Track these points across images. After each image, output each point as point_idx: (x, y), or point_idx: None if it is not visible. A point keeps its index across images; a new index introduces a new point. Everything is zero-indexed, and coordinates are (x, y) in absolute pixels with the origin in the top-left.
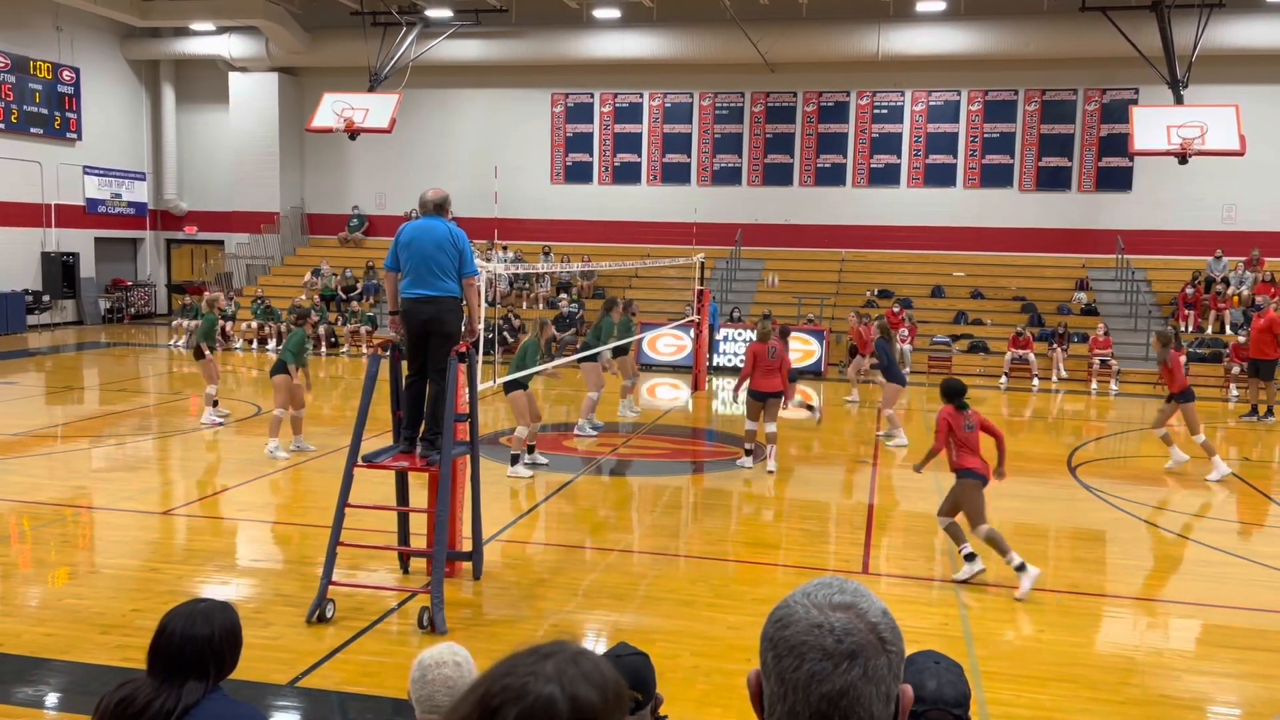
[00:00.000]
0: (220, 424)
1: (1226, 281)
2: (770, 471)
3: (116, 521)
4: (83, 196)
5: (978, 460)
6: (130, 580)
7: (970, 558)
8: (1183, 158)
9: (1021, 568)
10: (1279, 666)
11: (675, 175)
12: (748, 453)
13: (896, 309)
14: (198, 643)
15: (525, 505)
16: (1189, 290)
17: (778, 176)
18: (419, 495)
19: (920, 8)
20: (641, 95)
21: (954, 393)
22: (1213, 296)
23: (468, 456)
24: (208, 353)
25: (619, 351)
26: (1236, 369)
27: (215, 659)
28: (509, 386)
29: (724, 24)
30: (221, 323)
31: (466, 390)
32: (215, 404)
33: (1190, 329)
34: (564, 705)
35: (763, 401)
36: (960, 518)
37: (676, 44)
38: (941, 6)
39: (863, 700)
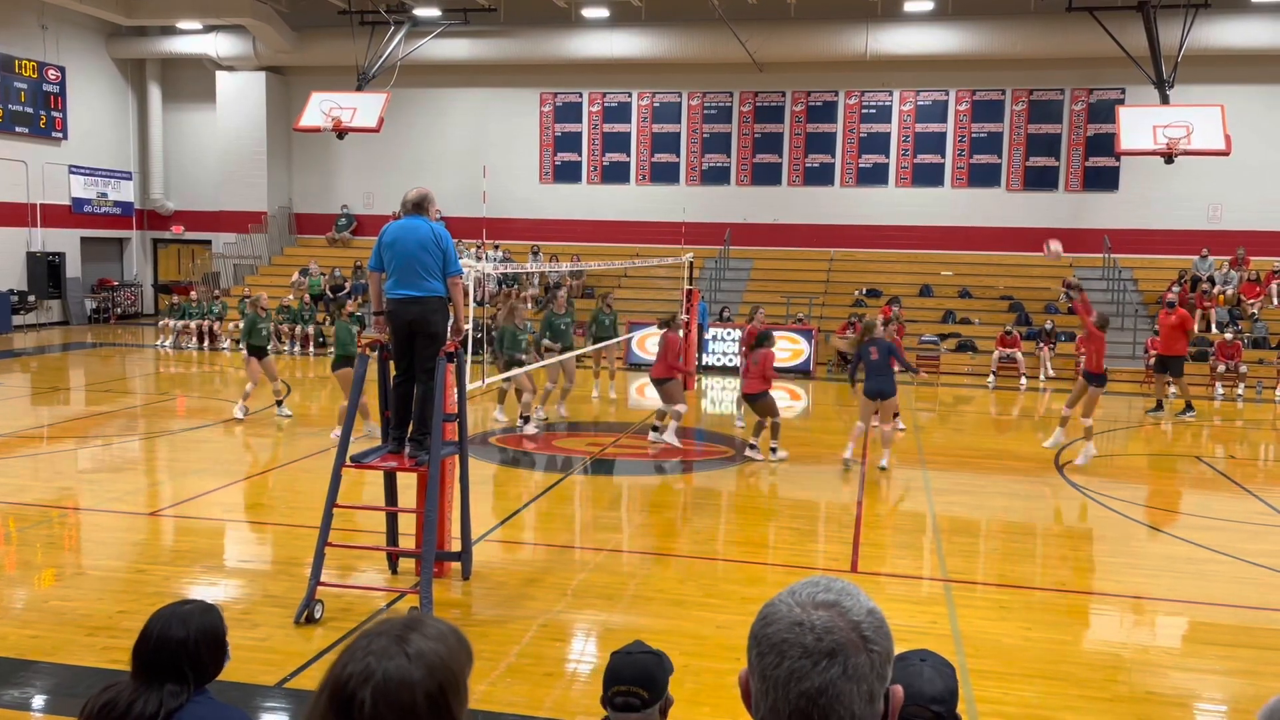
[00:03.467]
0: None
1: (1212, 280)
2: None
3: (103, 523)
4: (68, 196)
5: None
6: (117, 582)
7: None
8: (1169, 157)
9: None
10: (1264, 663)
11: (664, 175)
12: (654, 429)
13: (895, 309)
14: (173, 645)
15: (514, 505)
16: (1175, 289)
17: (766, 176)
18: (407, 495)
19: (908, 8)
20: (630, 95)
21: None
22: (1199, 295)
23: (456, 456)
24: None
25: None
26: (1222, 367)
27: (192, 662)
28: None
29: (712, 24)
30: (207, 322)
31: (455, 390)
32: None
33: None
34: (414, 668)
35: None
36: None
37: (665, 44)
38: (929, 6)
39: (842, 698)
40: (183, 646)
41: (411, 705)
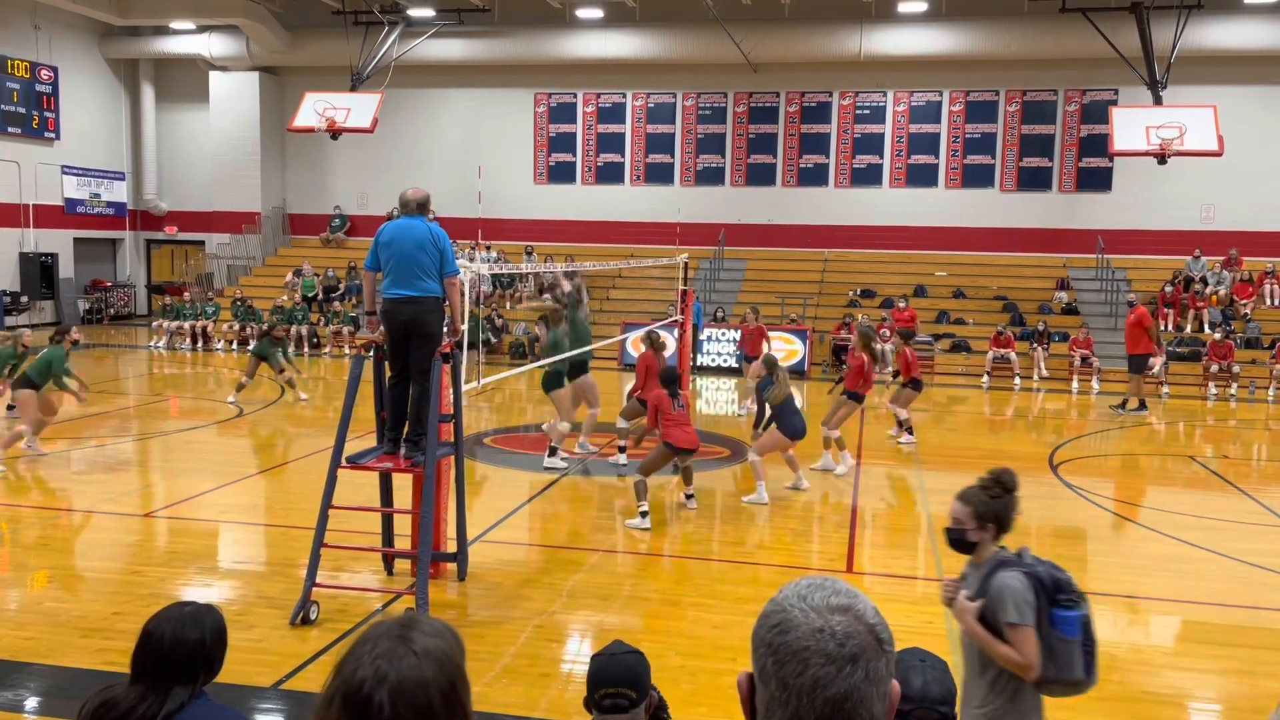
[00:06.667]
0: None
1: (1205, 281)
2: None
3: (97, 524)
4: (61, 196)
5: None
6: (111, 583)
7: (645, 514)
8: (1162, 158)
9: (645, 514)
10: (1258, 662)
11: (658, 175)
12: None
13: (903, 306)
14: (189, 647)
15: (510, 506)
16: (1168, 289)
17: (760, 177)
18: (403, 496)
19: (902, 8)
20: (624, 95)
21: (669, 381)
22: (1191, 296)
23: (452, 457)
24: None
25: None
26: (1215, 368)
27: (206, 662)
28: (549, 384)
29: (707, 24)
30: (201, 323)
31: (450, 391)
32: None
33: (1170, 328)
34: (425, 666)
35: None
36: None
37: (659, 44)
38: (923, 7)
39: (865, 702)
40: (199, 647)
41: (428, 703)
